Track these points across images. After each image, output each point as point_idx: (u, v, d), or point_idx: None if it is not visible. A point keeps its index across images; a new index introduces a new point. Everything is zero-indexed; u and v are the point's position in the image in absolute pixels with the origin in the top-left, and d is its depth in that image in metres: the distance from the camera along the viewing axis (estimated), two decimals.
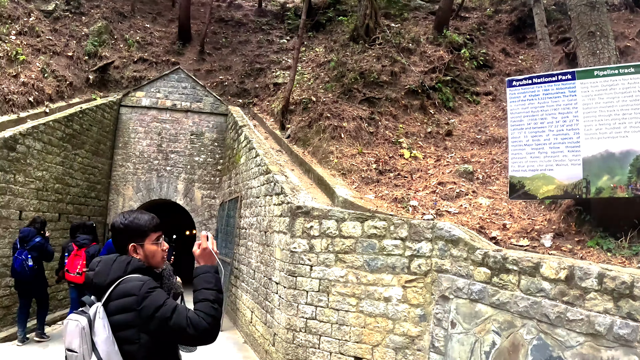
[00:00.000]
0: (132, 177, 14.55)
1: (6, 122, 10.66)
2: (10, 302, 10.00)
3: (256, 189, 10.19)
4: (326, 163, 10.79)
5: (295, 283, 7.33)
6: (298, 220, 7.59)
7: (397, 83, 14.32)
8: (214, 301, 2.68)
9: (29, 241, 8.94)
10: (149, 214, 2.97)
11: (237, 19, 19.28)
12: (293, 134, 12.05)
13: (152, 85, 14.85)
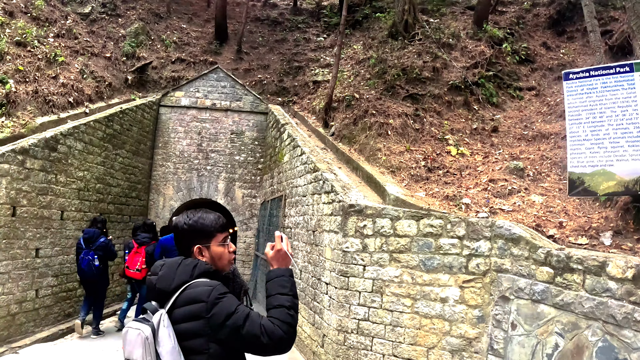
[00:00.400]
0: (172, 177, 14.13)
1: (47, 123, 10.34)
2: (52, 301, 9.91)
3: (302, 188, 9.76)
4: (374, 160, 10.30)
5: (348, 283, 7.05)
6: (350, 219, 7.29)
7: (440, 79, 13.86)
8: (290, 307, 2.46)
9: (94, 241, 9.24)
10: (215, 213, 2.74)
11: (273, 17, 18.87)
12: (337, 131, 11.49)
13: (191, 84, 14.42)
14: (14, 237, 8.73)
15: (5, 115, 10.08)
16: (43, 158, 9.42)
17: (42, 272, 9.52)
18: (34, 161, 9.15)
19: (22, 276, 8.97)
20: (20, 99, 10.57)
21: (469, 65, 14.14)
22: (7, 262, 8.60)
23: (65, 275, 10.21)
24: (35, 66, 11.62)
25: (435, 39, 14.69)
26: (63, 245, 10.11)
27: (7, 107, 10.16)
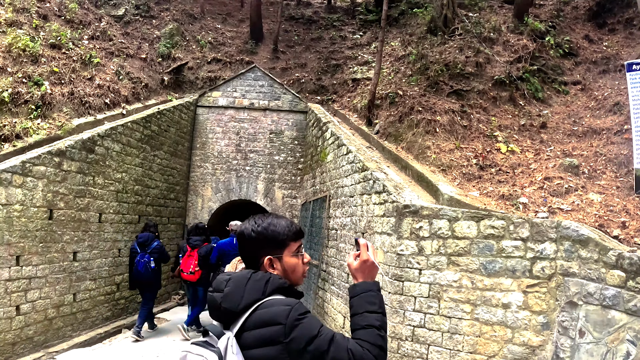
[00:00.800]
0: (210, 178, 13.59)
1: (83, 124, 9.89)
2: (90, 305, 9.48)
3: (349, 188, 9.12)
4: (423, 159, 9.62)
5: (402, 288, 6.59)
6: (405, 221, 6.78)
7: (483, 74, 13.14)
8: (380, 327, 2.11)
9: (149, 245, 9.33)
10: (286, 219, 2.33)
11: (308, 16, 18.28)
12: (382, 129, 10.79)
13: (229, 84, 13.87)
14: (51, 240, 8.24)
15: (40, 117, 9.63)
16: (80, 160, 8.93)
17: (79, 276, 9.06)
18: (71, 163, 8.65)
19: (59, 280, 8.51)
20: (55, 101, 10.13)
21: (512, 59, 13.50)
22: (44, 266, 8.14)
23: (103, 278, 9.71)
24: (70, 68, 11.19)
25: (476, 34, 13.96)
26: (101, 248, 9.61)
27: (42, 108, 9.71)
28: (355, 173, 8.93)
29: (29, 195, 7.74)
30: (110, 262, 9.88)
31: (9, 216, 7.37)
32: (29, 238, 7.77)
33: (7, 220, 7.34)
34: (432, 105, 11.14)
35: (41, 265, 8.06)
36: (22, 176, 7.59)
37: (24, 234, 7.67)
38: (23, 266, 7.69)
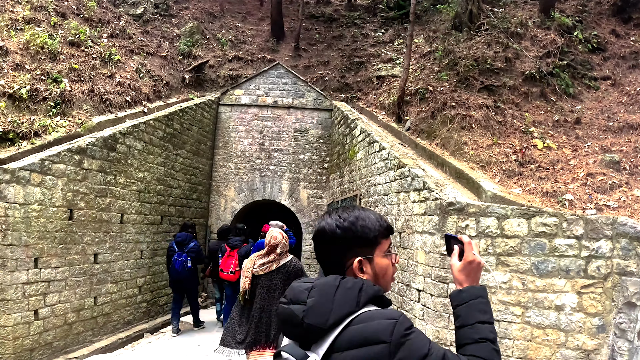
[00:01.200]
0: (233, 178, 13.00)
1: (104, 122, 9.35)
2: (111, 309, 8.91)
3: (383, 186, 8.52)
4: (460, 155, 9.02)
5: (447, 290, 6.14)
6: (450, 219, 6.27)
7: (513, 69, 12.61)
8: (494, 340, 1.71)
9: (186, 244, 9.29)
10: (374, 212, 1.87)
11: (328, 14, 17.69)
12: (413, 125, 10.16)
13: (251, 82, 13.28)
14: (71, 242, 7.68)
15: (60, 115, 9.12)
16: (101, 158, 8.37)
17: (100, 279, 8.50)
18: (91, 161, 8.10)
19: (79, 283, 7.96)
20: (75, 98, 9.62)
21: (541, 54, 12.96)
22: (64, 269, 7.59)
23: (125, 281, 9.15)
24: (89, 65, 10.68)
25: (503, 29, 13.39)
26: (123, 249, 9.05)
27: (61, 106, 9.21)
28: (390, 170, 8.30)
29: (48, 194, 7.19)
30: (132, 264, 9.32)
31: (27, 216, 6.82)
32: (48, 239, 7.22)
33: (25, 221, 6.79)
34: (465, 100, 10.55)
35: (61, 267, 7.51)
36: (41, 174, 7.04)
37: (42, 235, 7.12)
38: (42, 269, 7.14)
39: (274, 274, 5.22)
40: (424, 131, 10.02)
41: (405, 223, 7.52)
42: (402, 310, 7.30)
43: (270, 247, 5.30)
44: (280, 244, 5.31)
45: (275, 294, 5.13)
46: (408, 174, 7.59)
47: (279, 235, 5.37)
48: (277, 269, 5.24)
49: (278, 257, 5.28)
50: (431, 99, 10.87)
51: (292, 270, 5.27)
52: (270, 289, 5.18)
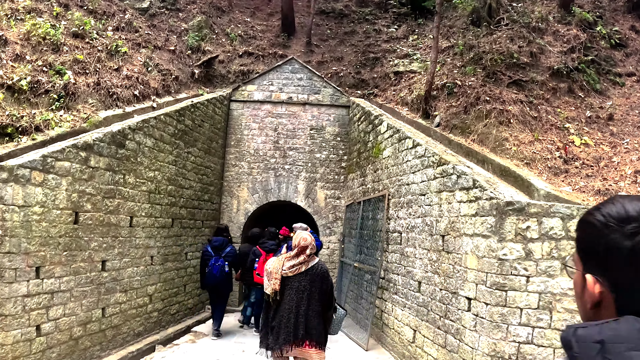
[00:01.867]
0: (246, 178, 12.03)
1: (111, 117, 8.41)
2: (120, 320, 7.91)
3: (418, 185, 7.69)
4: (502, 152, 8.17)
5: (505, 299, 5.51)
6: (509, 220, 5.56)
7: (538, 64, 11.86)
8: None
9: (223, 249, 9.09)
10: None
11: (339, 10, 16.80)
12: (444, 121, 9.28)
13: (264, 77, 12.33)
14: (76, 248, 6.71)
15: (63, 109, 8.14)
16: (109, 155, 7.40)
17: (109, 288, 7.50)
18: (99, 159, 7.13)
19: (86, 293, 6.97)
20: (80, 91, 8.66)
21: (565, 50, 12.18)
22: (69, 278, 6.61)
23: (134, 289, 8.17)
24: (95, 57, 9.71)
25: (525, 24, 12.64)
26: (132, 255, 8.07)
27: (65, 99, 8.22)
28: (428, 168, 7.38)
29: (51, 195, 6.21)
30: (142, 271, 8.36)
31: (27, 220, 5.85)
32: (50, 246, 6.24)
33: (25, 225, 5.82)
34: (498, 95, 9.67)
35: (65, 277, 6.53)
36: (42, 173, 6.07)
37: (45, 241, 6.14)
38: (44, 279, 6.16)
39: (303, 276, 5.18)
40: (456, 127, 9.10)
41: (450, 225, 6.63)
42: (446, 320, 6.49)
43: (300, 248, 5.24)
44: (310, 246, 5.25)
45: (303, 295, 5.12)
46: (452, 172, 6.72)
47: (308, 237, 5.32)
48: (305, 271, 5.19)
49: (307, 258, 5.23)
50: (460, 94, 9.99)
51: (319, 272, 5.23)
52: (299, 290, 5.15)
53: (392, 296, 8.44)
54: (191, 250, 10.33)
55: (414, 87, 11.41)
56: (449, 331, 6.42)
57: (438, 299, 6.81)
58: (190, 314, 10.41)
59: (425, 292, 7.23)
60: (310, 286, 5.17)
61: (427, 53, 13.42)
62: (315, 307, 5.14)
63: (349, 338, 9.48)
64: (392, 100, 11.72)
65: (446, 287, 6.62)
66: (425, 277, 7.27)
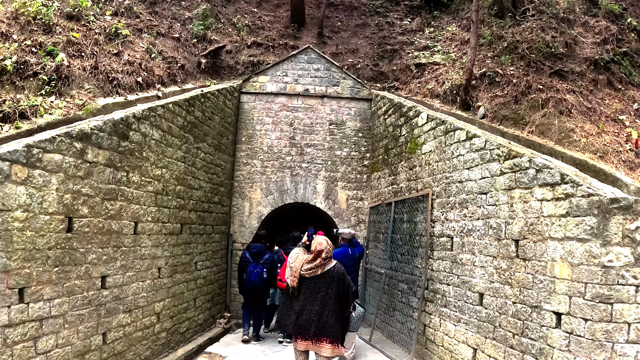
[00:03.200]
0: (260, 177, 10.51)
1: (111, 105, 6.88)
2: (124, 346, 6.36)
3: (477, 182, 6.35)
4: (569, 144, 6.91)
5: (611, 313, 4.45)
6: (614, 220, 4.47)
7: (574, 55, 10.59)
8: None
9: (262, 255, 8.70)
10: None
11: (348, 2, 15.42)
12: (490, 112, 7.79)
13: (277, 68, 10.83)
14: (70, 262, 5.16)
15: (55, 94, 6.61)
16: (110, 148, 5.85)
17: (110, 309, 5.93)
18: (97, 152, 5.58)
19: (83, 317, 5.41)
20: (74, 75, 7.13)
21: (598, 41, 10.95)
22: (62, 300, 5.06)
23: (140, 308, 6.62)
24: (92, 39, 8.16)
25: (552, 14, 11.45)
26: (137, 268, 6.52)
27: (57, 83, 6.68)
28: (491, 162, 5.98)
29: (38, 196, 4.67)
30: (148, 287, 6.81)
31: (7, 228, 4.31)
32: (37, 261, 4.69)
33: (4, 235, 4.28)
34: (550, 83, 8.34)
35: (57, 299, 4.98)
36: (26, 167, 4.53)
37: (30, 255, 4.59)
38: (30, 303, 4.62)
39: (318, 278, 5.37)
40: (507, 118, 7.70)
41: (529, 227, 5.28)
42: (523, 339, 5.25)
43: (317, 252, 5.40)
44: (325, 250, 5.41)
45: (317, 296, 5.32)
46: (528, 166, 5.36)
47: (324, 241, 5.47)
48: (321, 274, 5.37)
49: (323, 261, 5.39)
50: (504, 83, 8.63)
51: (335, 275, 5.38)
52: (314, 291, 5.35)
53: (440, 309, 6.99)
54: (201, 260, 8.78)
55: (444, 79, 10.04)
56: (528, 351, 5.17)
57: (511, 313, 5.48)
58: (201, 331, 8.85)
59: (491, 305, 5.85)
60: (326, 288, 5.36)
61: (448, 45, 12.14)
62: (332, 307, 5.32)
63: (383, 354, 8.01)
64: (419, 93, 10.31)
65: (523, 300, 5.31)
66: (490, 288, 5.89)
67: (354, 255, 7.99)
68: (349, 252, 7.90)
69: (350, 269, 7.76)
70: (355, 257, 8.05)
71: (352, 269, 7.88)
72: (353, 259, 7.94)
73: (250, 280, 8.50)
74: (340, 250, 7.82)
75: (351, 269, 7.85)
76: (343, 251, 7.85)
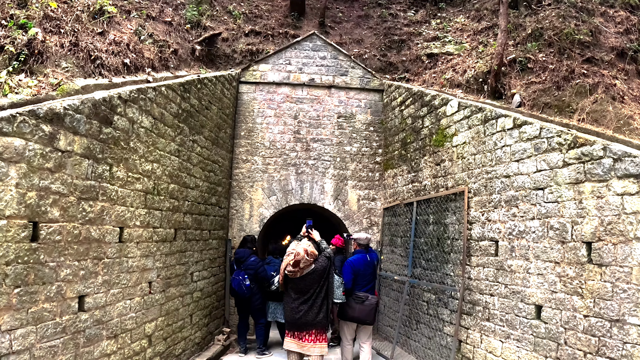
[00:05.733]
0: (261, 176, 9.23)
1: (92, 86, 5.66)
2: None
3: (531, 176, 5.28)
4: (630, 132, 5.84)
5: None
6: None
7: (600, 45, 9.56)
8: None
9: (244, 261, 7.94)
10: None
11: None
12: (528, 100, 6.66)
13: (280, 56, 9.58)
14: (36, 280, 3.86)
15: (25, 72, 5.29)
16: (90, 135, 4.55)
17: (91, 336, 4.61)
18: (73, 138, 4.28)
19: (56, 350, 4.11)
20: (50, 52, 5.81)
21: (621, 30, 10.06)
22: (28, 330, 3.77)
23: (128, 332, 5.30)
24: (73, 16, 6.83)
25: (571, 3, 10.54)
26: (123, 284, 5.21)
27: (28, 60, 5.38)
28: (550, 152, 4.91)
29: None
30: (137, 305, 5.50)
31: None
32: None
33: None
34: (593, 70, 7.28)
35: (20, 329, 3.69)
36: None
37: None
38: None
39: (299, 280, 5.92)
40: (550, 105, 6.57)
41: (605, 228, 4.23)
42: (597, 357, 4.26)
43: (295, 261, 5.82)
44: (303, 260, 5.81)
45: (299, 295, 5.94)
46: (602, 155, 4.33)
47: (301, 251, 5.82)
48: (301, 276, 5.90)
49: (301, 269, 5.86)
50: (539, 69, 7.52)
51: (317, 274, 5.93)
52: (298, 291, 5.96)
53: (480, 323, 5.83)
54: (197, 270, 7.47)
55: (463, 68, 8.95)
56: None
57: (581, 329, 4.44)
58: (199, 350, 7.53)
59: (552, 319, 4.78)
60: (308, 288, 5.93)
61: (459, 36, 11.14)
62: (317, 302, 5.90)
63: None
64: (435, 83, 9.19)
65: (598, 313, 4.28)
66: (551, 299, 4.81)
67: (373, 262, 6.97)
68: (367, 259, 6.89)
69: (369, 277, 6.79)
70: (374, 263, 7.05)
71: (370, 278, 6.86)
72: (372, 266, 6.92)
73: (233, 289, 7.81)
74: (358, 257, 6.79)
75: (370, 277, 6.85)
76: (361, 258, 6.76)
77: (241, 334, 8.08)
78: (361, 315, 6.49)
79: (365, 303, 6.48)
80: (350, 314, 6.52)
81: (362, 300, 6.48)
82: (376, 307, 6.66)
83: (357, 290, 6.58)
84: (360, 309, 6.47)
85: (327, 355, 6.69)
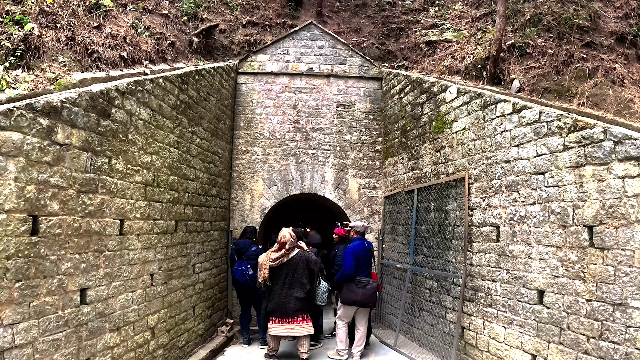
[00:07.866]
0: (261, 167, 9.20)
1: (90, 80, 5.61)
2: None
3: (531, 161, 5.27)
4: (630, 115, 5.76)
5: None
6: None
7: (599, 29, 9.47)
8: None
9: (245, 251, 7.90)
10: None
11: None
12: (528, 85, 6.61)
13: (278, 46, 9.53)
14: (36, 274, 3.85)
15: (22, 68, 5.24)
16: (88, 128, 4.52)
17: (93, 328, 4.61)
18: (71, 131, 4.26)
19: (59, 343, 4.11)
20: (47, 47, 5.76)
21: (620, 15, 9.96)
22: (29, 324, 3.76)
23: (130, 324, 5.30)
24: (69, 10, 6.77)
25: None
26: (125, 276, 5.20)
27: (25, 55, 5.33)
28: (550, 136, 4.90)
29: None
30: (139, 297, 5.50)
31: None
32: None
33: None
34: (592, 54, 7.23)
35: (21, 323, 3.69)
36: None
37: None
38: None
39: (284, 266, 6.42)
40: (549, 90, 6.53)
41: (607, 211, 4.20)
42: (602, 342, 4.25)
43: (280, 244, 6.42)
44: (288, 241, 6.44)
45: (285, 281, 6.44)
46: (603, 137, 4.31)
47: (287, 234, 6.48)
48: (287, 261, 6.42)
49: (287, 252, 6.40)
50: (538, 54, 7.46)
51: (300, 259, 6.49)
52: (284, 277, 6.45)
53: (483, 309, 5.83)
54: (199, 261, 7.47)
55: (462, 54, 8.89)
56: (609, 357, 4.19)
57: (584, 313, 4.43)
58: (202, 342, 7.55)
59: (555, 304, 4.78)
60: (293, 272, 6.43)
61: (458, 23, 11.04)
62: (300, 287, 6.43)
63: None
64: (434, 71, 9.13)
65: (601, 297, 4.27)
66: (553, 284, 4.80)
67: (370, 249, 7.15)
68: (365, 245, 7.01)
69: (367, 263, 6.93)
70: (371, 249, 7.20)
71: (369, 264, 6.98)
72: (370, 252, 7.09)
73: (235, 279, 7.79)
74: (358, 244, 6.88)
75: (368, 263, 6.98)
76: (360, 244, 6.90)
77: (244, 325, 8.08)
78: (364, 298, 6.65)
79: (367, 287, 6.65)
80: (353, 298, 6.64)
81: (364, 284, 6.65)
82: (376, 291, 6.76)
83: (358, 275, 6.71)
84: (363, 292, 6.63)
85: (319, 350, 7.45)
